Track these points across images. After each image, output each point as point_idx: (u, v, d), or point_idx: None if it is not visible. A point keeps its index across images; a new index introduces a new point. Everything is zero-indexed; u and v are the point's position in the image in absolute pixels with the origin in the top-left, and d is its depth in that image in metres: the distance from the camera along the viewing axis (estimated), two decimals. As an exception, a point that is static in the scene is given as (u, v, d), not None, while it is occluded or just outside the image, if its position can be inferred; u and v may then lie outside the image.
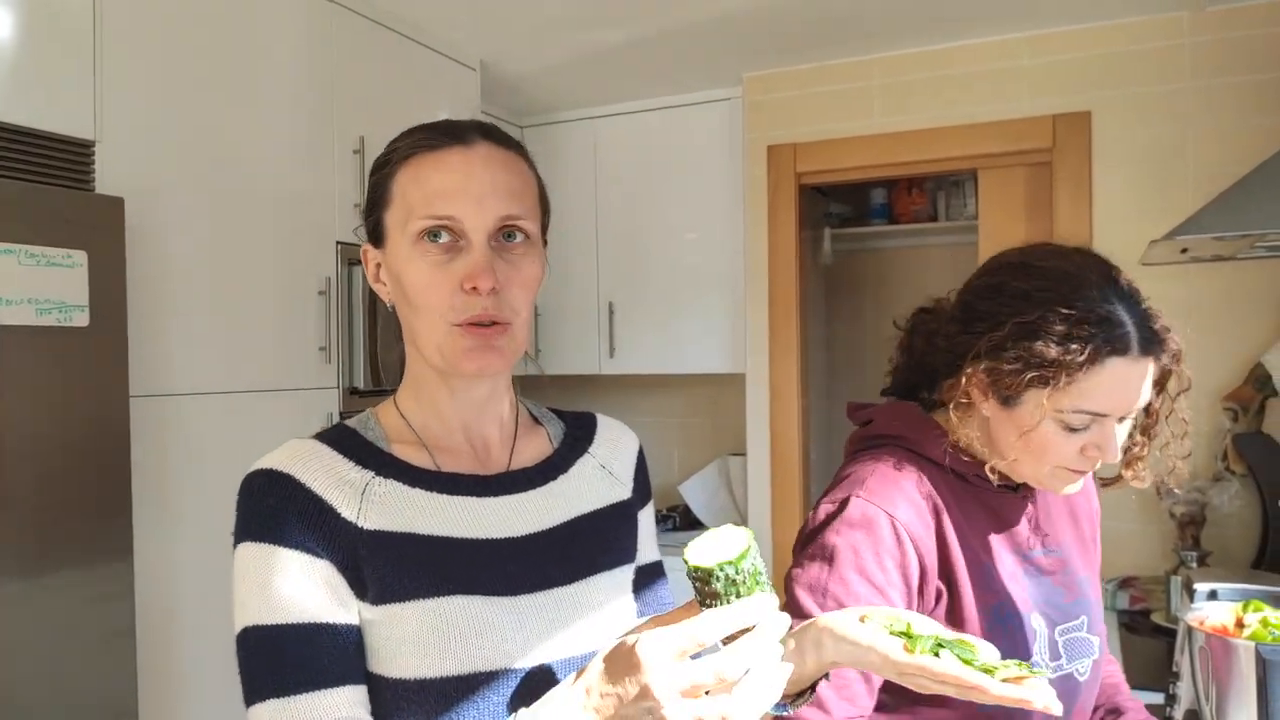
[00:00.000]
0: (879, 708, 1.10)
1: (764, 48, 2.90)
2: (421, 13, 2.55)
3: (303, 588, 0.79)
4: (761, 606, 0.68)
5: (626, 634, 0.71)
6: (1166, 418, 1.15)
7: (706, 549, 0.70)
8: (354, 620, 0.81)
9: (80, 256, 1.66)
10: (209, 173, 2.00)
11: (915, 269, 3.81)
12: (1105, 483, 1.26)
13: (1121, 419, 1.08)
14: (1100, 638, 1.20)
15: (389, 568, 0.81)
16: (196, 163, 1.98)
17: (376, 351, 2.37)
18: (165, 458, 1.89)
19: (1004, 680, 0.77)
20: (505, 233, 0.87)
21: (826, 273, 3.81)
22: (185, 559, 1.93)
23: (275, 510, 0.81)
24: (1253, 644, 1.27)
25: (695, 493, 3.49)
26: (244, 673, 0.80)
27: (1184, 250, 1.92)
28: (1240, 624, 1.35)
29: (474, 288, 0.83)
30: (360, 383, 2.33)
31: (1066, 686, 1.14)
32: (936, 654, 0.79)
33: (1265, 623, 1.32)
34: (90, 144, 1.77)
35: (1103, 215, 2.69)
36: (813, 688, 0.89)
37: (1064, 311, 1.03)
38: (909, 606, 1.08)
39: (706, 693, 0.66)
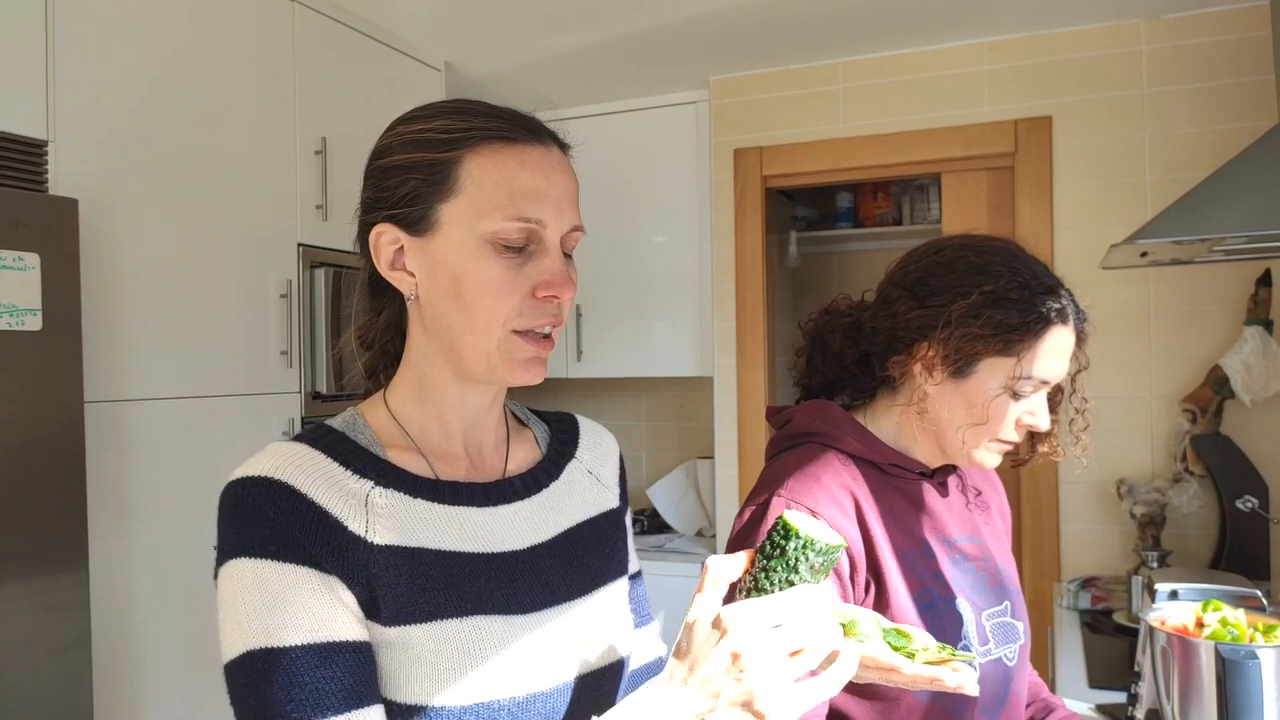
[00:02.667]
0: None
1: (730, 51, 2.90)
2: (385, 13, 2.53)
3: (316, 605, 0.72)
4: (831, 595, 0.70)
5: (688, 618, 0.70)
6: (1070, 396, 1.22)
7: (809, 523, 0.72)
8: (368, 639, 0.75)
9: (33, 259, 1.62)
10: (166, 173, 1.96)
11: (880, 272, 3.79)
12: (1017, 462, 1.29)
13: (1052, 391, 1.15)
14: (1024, 623, 1.23)
15: (404, 586, 0.75)
16: (153, 163, 1.94)
17: (343, 355, 2.34)
18: (122, 465, 1.85)
19: (925, 662, 0.79)
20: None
21: (793, 276, 3.83)
22: (142, 568, 1.89)
23: (275, 522, 0.73)
24: (1213, 643, 1.29)
25: (663, 496, 3.49)
26: (249, 702, 0.71)
27: (1143, 254, 1.94)
28: (1200, 624, 1.37)
29: (550, 295, 0.80)
30: (323, 387, 2.29)
31: (997, 671, 1.17)
32: (862, 641, 0.80)
33: (1224, 622, 1.34)
34: (43, 143, 1.73)
35: (1063, 219, 2.73)
36: None
37: (1019, 281, 1.11)
38: (843, 598, 1.10)
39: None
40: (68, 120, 1.76)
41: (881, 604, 1.12)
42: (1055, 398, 1.22)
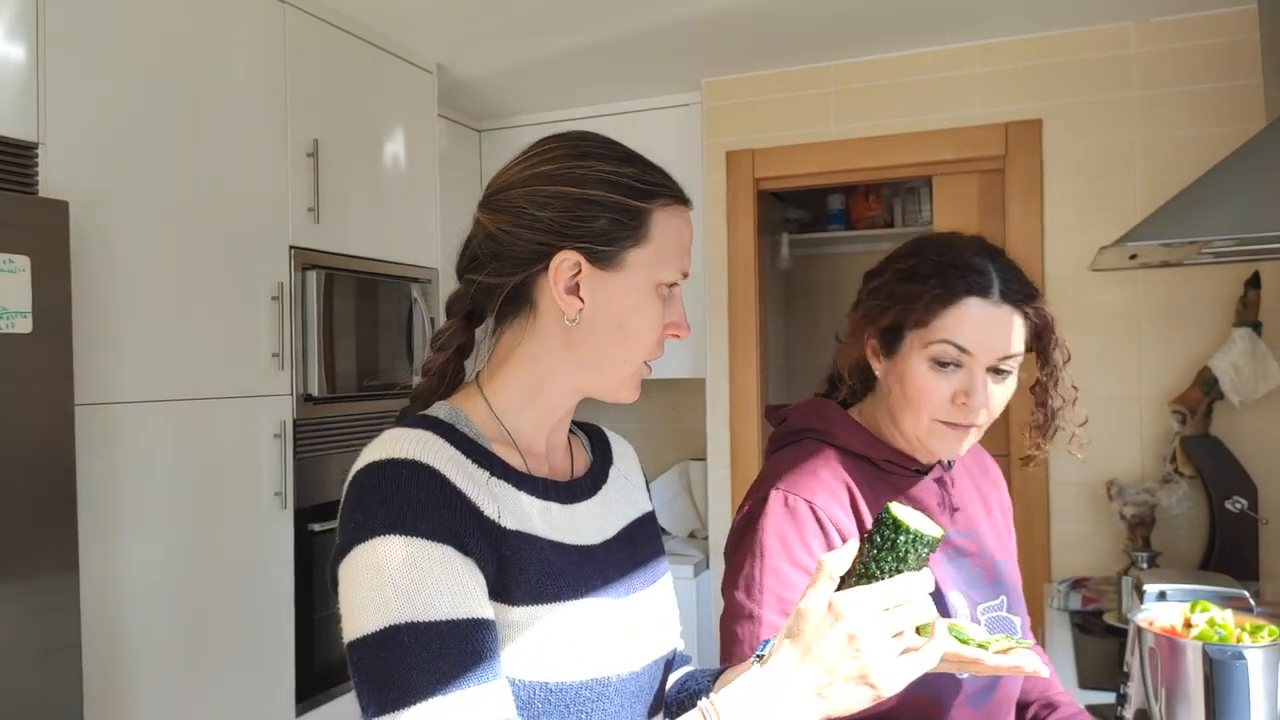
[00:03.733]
0: None
1: (722, 54, 2.91)
2: (376, 15, 2.53)
3: (460, 583, 0.77)
4: (930, 581, 0.78)
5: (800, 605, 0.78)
6: (1055, 387, 1.23)
7: (914, 517, 0.79)
8: (494, 618, 0.79)
9: (23, 261, 1.61)
10: (157, 175, 1.96)
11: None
12: (1025, 460, 1.31)
13: (994, 372, 1.15)
14: (1022, 619, 1.24)
15: (534, 569, 0.82)
16: (145, 165, 1.93)
17: (335, 356, 2.34)
18: (112, 467, 1.85)
19: (996, 653, 0.85)
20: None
21: (785, 278, 3.83)
22: (133, 572, 1.88)
23: (426, 503, 0.77)
24: (1200, 644, 1.30)
25: (656, 498, 3.47)
26: (392, 673, 0.74)
27: (1133, 256, 1.95)
28: (1188, 624, 1.38)
29: (675, 335, 0.92)
30: (315, 390, 2.29)
31: None
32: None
33: (1212, 623, 1.35)
34: (33, 146, 1.72)
35: (1053, 221, 2.74)
36: None
37: (933, 259, 1.17)
38: (839, 589, 1.11)
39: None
40: (58, 122, 1.76)
41: None
42: (1040, 390, 1.23)
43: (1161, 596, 1.51)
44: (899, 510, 0.79)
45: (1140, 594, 1.82)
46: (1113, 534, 2.64)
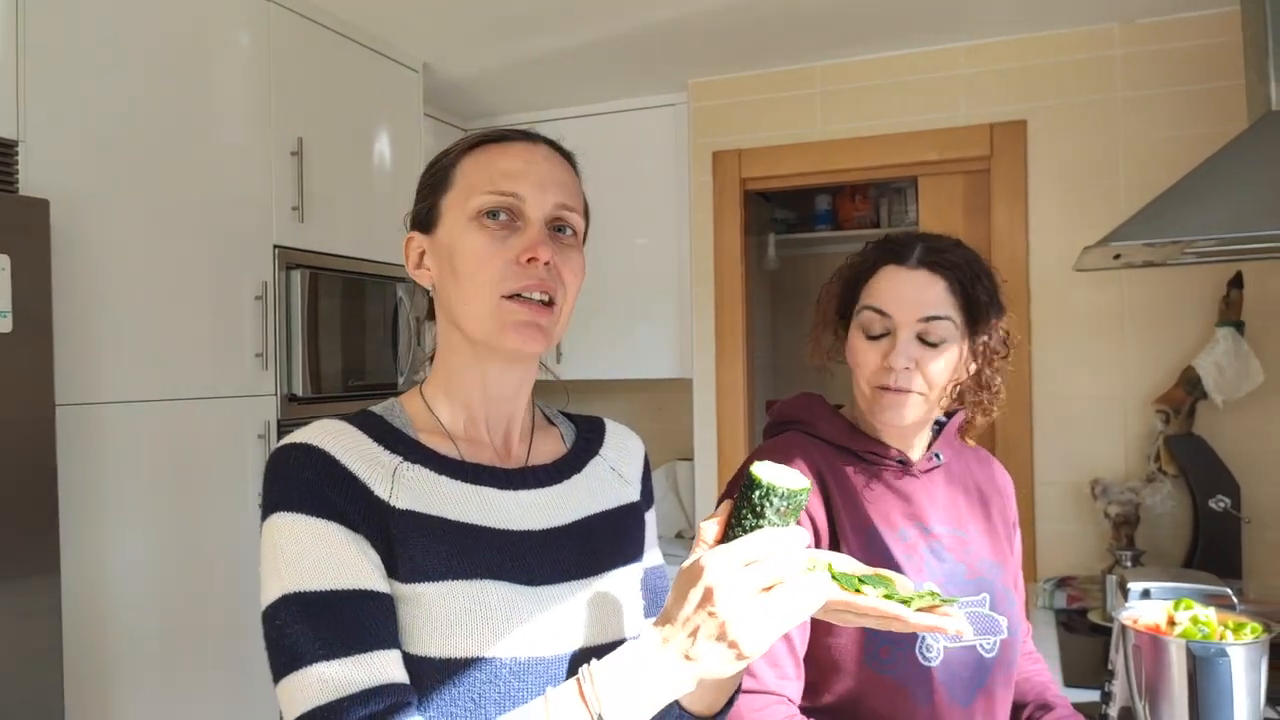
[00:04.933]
0: None
1: (709, 54, 2.91)
2: (362, 13, 2.51)
3: (346, 556, 0.80)
4: (802, 536, 0.76)
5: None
6: (984, 359, 1.26)
7: (773, 471, 0.78)
8: (390, 592, 0.82)
9: (3, 260, 1.60)
10: (139, 174, 1.95)
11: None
12: (961, 431, 1.36)
13: (923, 339, 1.20)
14: (1008, 619, 1.25)
15: (419, 547, 0.83)
16: (126, 163, 1.92)
17: (319, 356, 2.33)
18: (94, 468, 1.83)
19: (919, 610, 0.81)
20: (557, 225, 0.92)
21: (772, 278, 3.84)
22: (115, 573, 1.87)
23: (312, 483, 0.82)
24: (1183, 641, 1.30)
25: (642, 498, 3.48)
26: (282, 640, 0.79)
27: (1116, 256, 1.96)
28: (1172, 622, 1.38)
29: (532, 259, 0.88)
30: (299, 390, 2.28)
31: (970, 659, 1.20)
32: (858, 590, 0.81)
33: (1195, 620, 1.36)
34: (13, 143, 1.71)
35: (1038, 222, 2.75)
36: (730, 702, 0.90)
37: (870, 245, 1.29)
38: None
39: None
40: (39, 120, 1.74)
41: None
42: (978, 364, 1.26)
43: (1145, 595, 1.52)
44: (758, 467, 0.78)
45: (1124, 592, 1.83)
46: (1097, 533, 2.66)
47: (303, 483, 0.82)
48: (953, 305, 1.21)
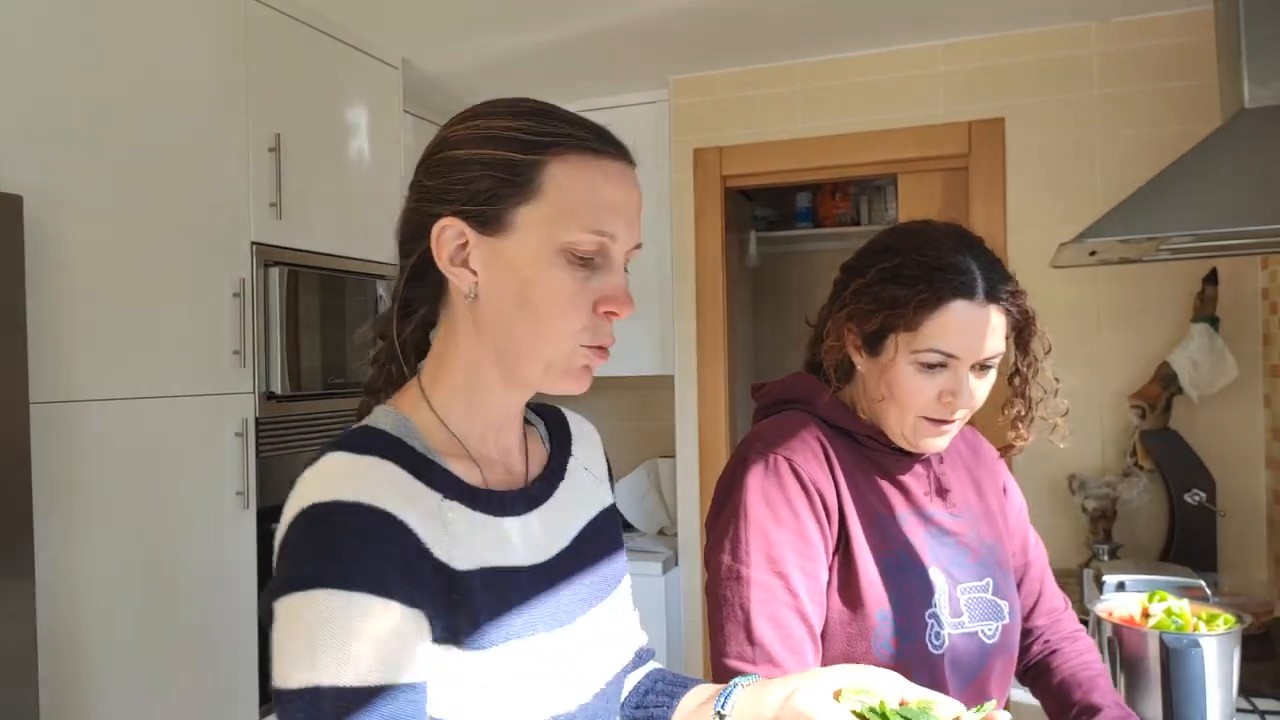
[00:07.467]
0: None
1: (689, 51, 2.91)
2: (340, 9, 2.50)
3: (392, 644, 0.70)
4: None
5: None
6: (1035, 378, 1.22)
7: None
8: (423, 680, 0.73)
9: (-26, 257, 1.58)
10: (115, 170, 1.93)
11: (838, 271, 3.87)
12: (1001, 451, 1.32)
13: (978, 368, 1.14)
14: (1010, 604, 1.23)
15: (482, 612, 0.74)
16: (101, 159, 1.90)
17: (299, 354, 2.31)
18: (69, 467, 1.81)
19: None
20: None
21: (753, 275, 3.85)
22: (91, 574, 1.85)
23: (368, 554, 0.69)
24: (1157, 632, 1.32)
25: (625, 495, 3.49)
26: None
27: (1092, 253, 1.98)
28: (1146, 614, 1.40)
29: (612, 313, 0.79)
30: (277, 388, 2.26)
31: (970, 646, 1.18)
32: None
33: (1169, 612, 1.37)
34: (-15, 139, 1.69)
35: (1016, 219, 2.77)
36: None
37: (917, 258, 1.14)
38: (825, 542, 1.14)
39: None
40: (10, 114, 1.72)
41: (846, 562, 1.14)
42: (1020, 382, 1.23)
43: (1120, 587, 1.54)
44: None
45: (1100, 585, 1.84)
46: (1074, 527, 2.68)
47: (348, 551, 0.69)
48: (1006, 335, 1.17)
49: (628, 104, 3.25)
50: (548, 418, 0.99)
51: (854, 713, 0.79)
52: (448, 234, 0.79)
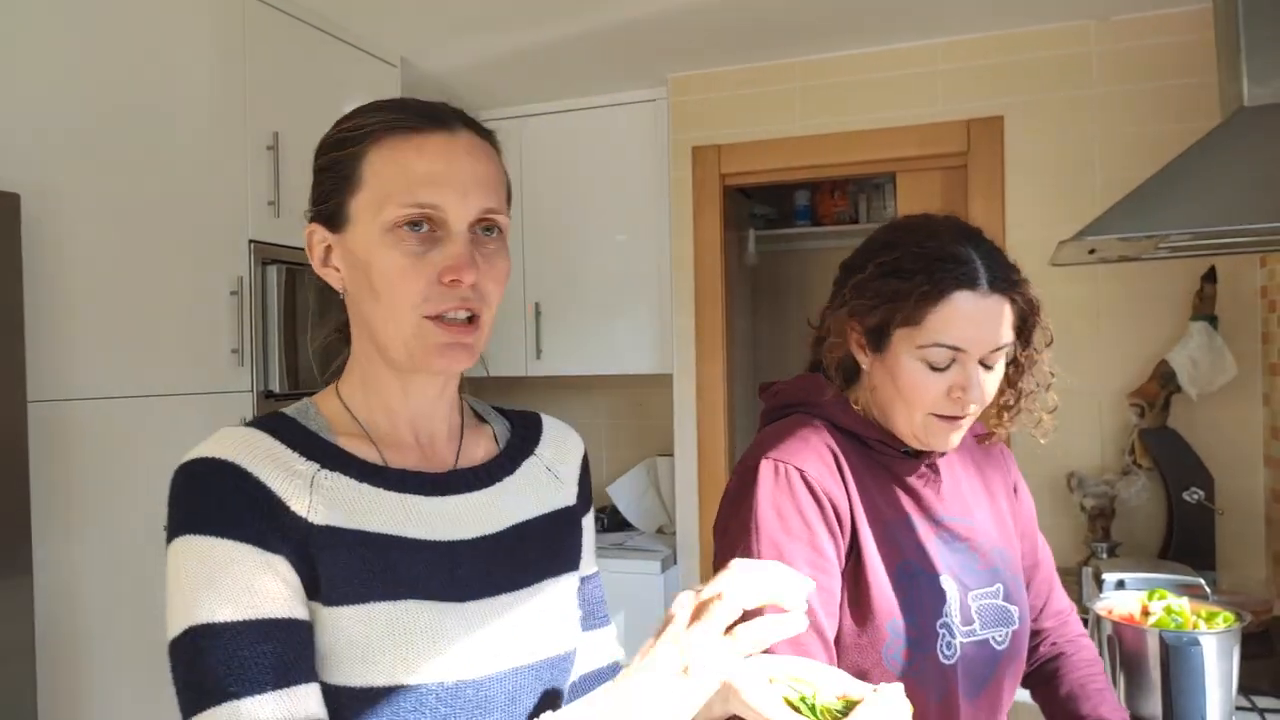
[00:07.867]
0: None
1: (688, 49, 2.91)
2: (339, 7, 2.50)
3: (260, 582, 0.74)
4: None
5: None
6: (1031, 369, 1.20)
7: None
8: (308, 619, 0.76)
9: (-29, 255, 1.57)
10: (113, 168, 1.92)
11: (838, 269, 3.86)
12: (980, 437, 1.30)
13: (986, 363, 1.12)
14: (1020, 608, 1.21)
15: (341, 567, 0.77)
16: (99, 157, 1.89)
17: (297, 352, 2.31)
18: (67, 466, 1.81)
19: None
20: (483, 226, 0.83)
21: (751, 273, 3.84)
22: (90, 573, 1.84)
23: (222, 501, 0.75)
24: (1157, 630, 1.32)
25: (623, 494, 3.49)
26: (190, 677, 0.73)
27: (1091, 251, 1.98)
28: (1146, 612, 1.40)
29: (454, 280, 0.80)
30: (275, 386, 2.26)
31: (982, 653, 1.16)
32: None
33: (1169, 610, 1.37)
34: (-18, 137, 1.68)
35: (1015, 217, 2.77)
36: None
37: (916, 251, 1.11)
38: (838, 552, 1.12)
39: None
40: (9, 113, 1.72)
41: (857, 572, 1.12)
42: (1014, 371, 1.20)
43: (1120, 585, 1.54)
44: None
45: (1099, 583, 1.84)
46: (1073, 525, 2.68)
47: (210, 502, 0.75)
48: (1012, 325, 1.15)
49: (626, 102, 3.25)
50: (518, 420, 1.01)
51: (785, 700, 0.79)
52: (314, 240, 0.87)
